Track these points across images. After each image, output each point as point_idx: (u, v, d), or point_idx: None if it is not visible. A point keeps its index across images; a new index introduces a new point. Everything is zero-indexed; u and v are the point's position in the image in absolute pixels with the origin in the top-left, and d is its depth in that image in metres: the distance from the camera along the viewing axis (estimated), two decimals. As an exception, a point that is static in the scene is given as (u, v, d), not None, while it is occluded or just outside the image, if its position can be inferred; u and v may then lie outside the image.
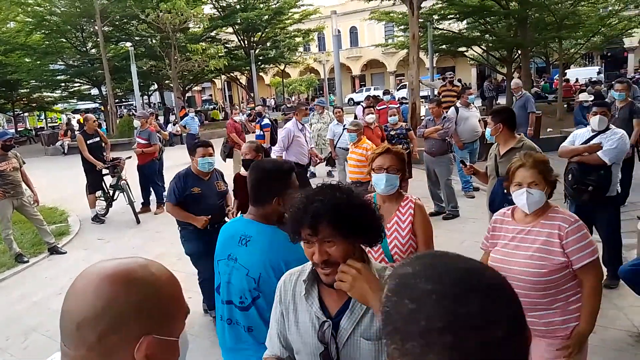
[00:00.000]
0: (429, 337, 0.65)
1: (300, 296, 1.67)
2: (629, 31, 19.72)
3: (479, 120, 8.87)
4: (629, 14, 19.34)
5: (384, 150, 2.96)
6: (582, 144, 4.66)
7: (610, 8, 18.71)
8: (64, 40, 27.86)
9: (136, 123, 9.62)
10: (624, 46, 38.24)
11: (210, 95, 58.19)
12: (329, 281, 1.53)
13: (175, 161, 12.00)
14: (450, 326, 0.65)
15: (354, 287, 1.46)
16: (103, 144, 9.21)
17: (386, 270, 1.65)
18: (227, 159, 10.46)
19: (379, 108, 12.72)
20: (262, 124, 11.04)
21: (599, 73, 32.54)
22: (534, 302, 2.38)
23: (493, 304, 0.68)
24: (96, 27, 23.43)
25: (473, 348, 0.64)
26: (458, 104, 8.87)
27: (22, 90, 31.08)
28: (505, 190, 4.11)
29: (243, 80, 37.22)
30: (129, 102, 44.09)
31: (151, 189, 9.50)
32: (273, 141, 10.56)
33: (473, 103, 9.20)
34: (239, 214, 3.67)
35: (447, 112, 8.41)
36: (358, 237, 1.54)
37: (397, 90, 36.15)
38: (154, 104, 42.24)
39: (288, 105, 16.79)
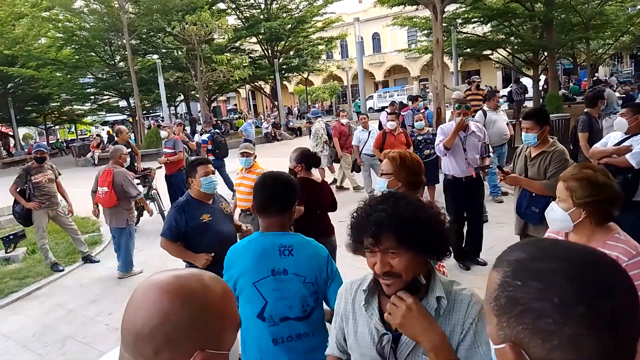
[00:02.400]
0: (563, 311, 0.70)
1: (360, 306, 1.63)
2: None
3: (507, 124, 8.76)
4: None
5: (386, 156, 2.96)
6: (613, 146, 4.57)
7: (639, 7, 18.29)
8: (93, 54, 28.59)
9: (163, 134, 9.82)
10: (655, 45, 37.28)
11: (235, 104, 58.81)
12: (390, 292, 1.49)
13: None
14: (582, 298, 0.70)
15: (403, 326, 1.43)
16: (134, 155, 9.42)
17: (453, 284, 1.58)
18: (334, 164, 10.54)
19: (403, 113, 12.69)
20: (202, 139, 11.07)
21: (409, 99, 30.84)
22: None
23: (617, 274, 0.74)
24: (124, 41, 23.96)
25: (606, 315, 0.69)
26: (485, 107, 8.77)
27: (53, 104, 32.02)
28: (532, 194, 4.08)
29: (267, 89, 37.55)
30: (157, 114, 44.92)
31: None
32: (218, 154, 10.68)
33: (500, 106, 9.10)
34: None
35: (474, 116, 8.32)
36: (423, 250, 1.47)
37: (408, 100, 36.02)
38: (181, 114, 42.90)
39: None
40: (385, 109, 14.14)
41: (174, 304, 0.92)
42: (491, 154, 5.89)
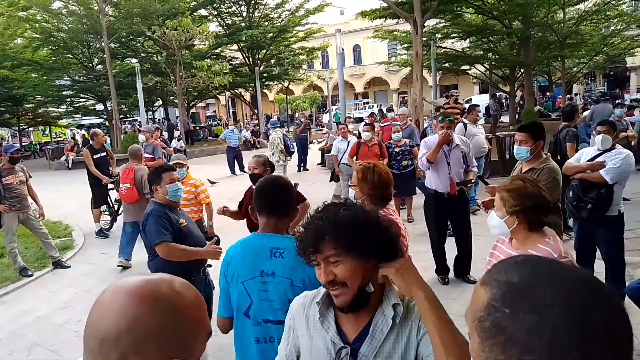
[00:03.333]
0: (554, 352, 0.65)
1: (314, 320, 1.58)
2: (632, 50, 19.82)
3: (485, 137, 8.93)
4: (631, 33, 19.47)
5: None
6: (587, 161, 4.67)
7: (612, 27, 18.84)
8: (71, 56, 28.17)
9: (141, 138, 9.71)
10: (627, 65, 38.41)
11: (214, 111, 58.50)
12: (339, 304, 1.46)
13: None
14: (577, 342, 0.65)
15: (399, 274, 1.41)
16: (109, 159, 9.27)
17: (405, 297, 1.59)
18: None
19: (382, 125, 12.77)
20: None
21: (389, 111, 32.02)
22: None
23: (616, 313, 0.68)
24: (102, 44, 23.67)
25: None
26: (465, 121, 8.90)
27: (27, 105, 31.32)
28: None
29: (247, 96, 37.45)
30: (134, 118, 44.38)
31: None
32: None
33: (479, 120, 9.29)
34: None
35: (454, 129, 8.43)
36: (369, 256, 1.44)
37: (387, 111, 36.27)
38: (159, 119, 42.47)
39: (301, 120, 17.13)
40: (365, 119, 14.23)
41: (142, 308, 0.88)
42: (475, 167, 5.85)
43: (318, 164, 16.14)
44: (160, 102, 35.22)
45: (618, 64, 35.32)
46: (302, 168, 15.96)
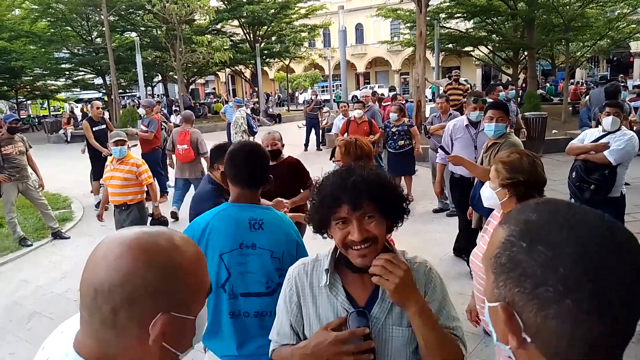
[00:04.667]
0: (567, 283, 0.67)
1: (319, 287, 1.57)
2: (637, 35, 19.62)
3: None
4: (637, 17, 19.26)
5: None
6: (591, 142, 4.64)
7: (618, 11, 18.63)
8: (69, 28, 27.81)
9: (141, 111, 9.68)
10: (631, 51, 38.13)
11: (214, 88, 58.13)
12: (365, 264, 1.44)
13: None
14: (591, 274, 0.66)
15: (398, 289, 1.38)
16: (109, 132, 9.21)
17: (405, 254, 1.62)
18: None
19: (384, 104, 12.72)
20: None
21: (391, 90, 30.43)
22: None
23: (631, 250, 0.70)
24: (102, 17, 23.36)
25: (612, 295, 0.66)
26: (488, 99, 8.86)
27: (25, 78, 31.04)
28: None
29: (247, 73, 37.16)
30: (133, 94, 44.01)
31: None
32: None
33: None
34: None
35: (454, 110, 8.39)
36: (390, 215, 1.49)
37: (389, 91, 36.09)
38: (158, 95, 42.19)
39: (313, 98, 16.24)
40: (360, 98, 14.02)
41: (138, 261, 0.85)
42: None
43: (319, 143, 15.79)
44: (160, 77, 34.94)
45: (622, 49, 35.11)
46: (310, 147, 15.40)
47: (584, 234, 0.70)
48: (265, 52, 31.83)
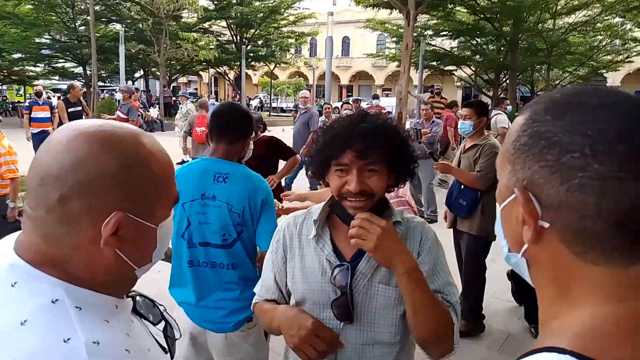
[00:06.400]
0: (597, 145, 0.56)
1: (307, 239, 1.51)
2: (614, 65, 20.22)
3: None
4: (615, 48, 19.88)
5: None
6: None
7: (600, 37, 19.21)
8: (53, 14, 27.28)
9: (118, 96, 9.51)
10: (607, 84, 39.26)
11: (196, 89, 57.67)
12: (355, 212, 1.39)
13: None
14: (625, 134, 0.56)
15: (377, 249, 1.29)
16: (84, 114, 9.00)
17: (404, 212, 1.53)
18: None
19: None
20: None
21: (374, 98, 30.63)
22: None
23: None
24: (87, 5, 23.01)
25: None
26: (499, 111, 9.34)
27: (2, 62, 30.29)
28: (462, 186, 4.14)
29: (231, 76, 36.96)
30: (113, 87, 43.36)
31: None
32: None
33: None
34: None
35: (439, 118, 8.53)
36: (394, 172, 1.41)
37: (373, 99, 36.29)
38: (138, 89, 41.65)
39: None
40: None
41: (93, 146, 0.74)
42: None
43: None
44: (142, 72, 34.51)
45: (598, 81, 36.12)
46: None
47: (616, 100, 0.60)
48: (251, 54, 31.76)
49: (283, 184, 8.15)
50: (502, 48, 21.28)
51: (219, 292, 2.15)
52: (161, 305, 0.94)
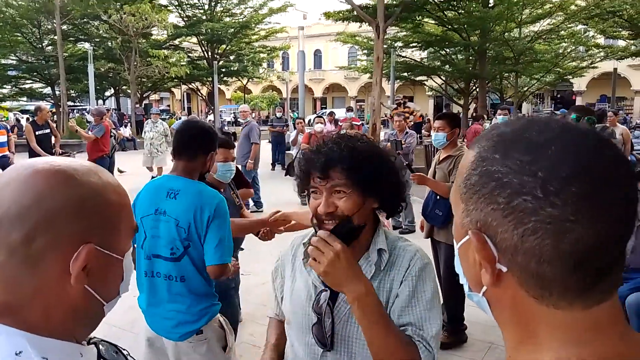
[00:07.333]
0: (548, 186, 0.54)
1: (300, 261, 1.49)
2: (579, 71, 20.79)
3: None
4: (580, 55, 20.46)
5: None
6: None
7: (565, 44, 19.74)
8: (19, 34, 26.79)
9: (90, 118, 9.31)
10: (573, 89, 40.27)
11: (168, 105, 57.15)
12: None
13: (134, 168, 11.69)
14: (578, 173, 0.54)
15: (328, 274, 1.22)
16: (52, 136, 8.79)
17: (400, 240, 1.47)
18: None
19: (341, 123, 12.96)
20: None
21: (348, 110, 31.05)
22: None
23: (622, 159, 0.58)
24: (54, 24, 22.67)
25: (604, 202, 0.54)
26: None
27: (-33, 84, 29.59)
28: (437, 197, 4.17)
29: (204, 91, 36.78)
30: (83, 107, 42.66)
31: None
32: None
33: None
34: None
35: (412, 127, 8.66)
36: (374, 197, 1.34)
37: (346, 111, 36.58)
38: (109, 109, 41.08)
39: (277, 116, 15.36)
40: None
41: (51, 181, 0.71)
42: None
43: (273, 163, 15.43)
44: (112, 91, 34.07)
45: (565, 86, 37.06)
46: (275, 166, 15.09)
47: (568, 136, 0.57)
48: (224, 70, 31.66)
49: (251, 203, 8.10)
50: (470, 58, 21.69)
51: (169, 303, 2.28)
52: (124, 349, 0.89)
